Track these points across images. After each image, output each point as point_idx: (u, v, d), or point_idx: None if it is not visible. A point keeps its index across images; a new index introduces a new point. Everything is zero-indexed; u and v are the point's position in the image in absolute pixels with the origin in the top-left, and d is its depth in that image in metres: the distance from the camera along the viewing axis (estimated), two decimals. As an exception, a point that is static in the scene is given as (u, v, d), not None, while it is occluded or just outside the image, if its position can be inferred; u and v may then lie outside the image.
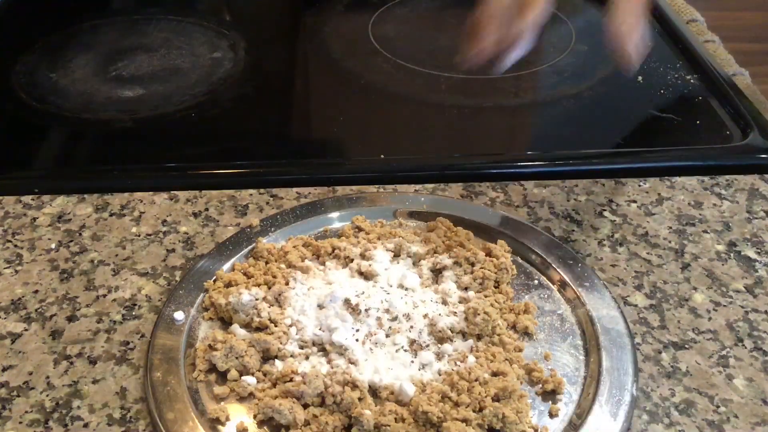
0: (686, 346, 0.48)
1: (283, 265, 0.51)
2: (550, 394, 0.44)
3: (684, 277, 0.53)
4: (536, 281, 0.52)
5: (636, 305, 0.50)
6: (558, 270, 0.51)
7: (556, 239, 0.55)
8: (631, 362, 0.45)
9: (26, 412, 0.44)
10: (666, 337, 0.48)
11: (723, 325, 0.49)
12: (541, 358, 0.46)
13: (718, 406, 0.44)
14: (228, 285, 0.50)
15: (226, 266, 0.52)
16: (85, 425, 0.43)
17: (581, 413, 0.42)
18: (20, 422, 0.43)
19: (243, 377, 0.44)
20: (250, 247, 0.53)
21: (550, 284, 0.51)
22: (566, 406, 0.43)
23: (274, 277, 0.50)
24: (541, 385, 0.44)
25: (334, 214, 0.57)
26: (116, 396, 0.44)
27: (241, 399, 0.44)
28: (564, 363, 0.46)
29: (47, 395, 0.45)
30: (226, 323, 0.48)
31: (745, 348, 0.48)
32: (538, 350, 0.47)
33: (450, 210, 0.56)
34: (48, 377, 0.46)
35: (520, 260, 0.53)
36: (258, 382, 0.44)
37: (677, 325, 0.49)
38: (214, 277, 0.51)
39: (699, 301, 0.51)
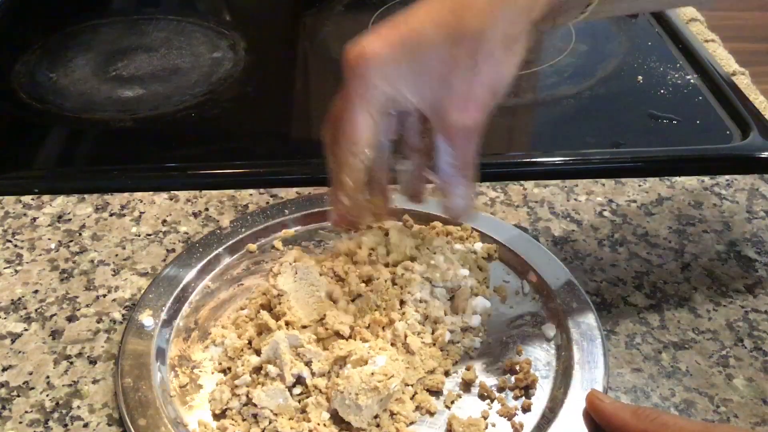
0: (686, 346, 0.48)
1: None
2: (524, 390, 0.44)
3: (684, 277, 0.53)
4: (506, 275, 0.52)
5: (636, 305, 0.50)
6: (525, 260, 0.52)
7: (516, 227, 0.55)
8: (601, 355, 0.45)
9: (26, 412, 0.44)
10: (666, 337, 0.48)
11: (723, 325, 0.49)
12: (514, 352, 0.47)
13: (718, 406, 0.44)
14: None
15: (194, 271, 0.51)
16: (85, 425, 0.43)
17: (554, 407, 0.43)
18: (20, 422, 0.43)
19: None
20: (223, 247, 0.53)
21: (519, 277, 0.52)
22: (539, 400, 0.44)
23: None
24: (515, 382, 0.44)
25: (300, 214, 0.56)
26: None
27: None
28: (536, 357, 0.46)
29: (47, 395, 0.45)
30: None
31: (745, 348, 0.47)
32: (510, 345, 0.47)
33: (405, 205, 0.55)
34: (48, 377, 0.46)
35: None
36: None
37: (677, 325, 0.49)
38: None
39: (699, 301, 0.51)
